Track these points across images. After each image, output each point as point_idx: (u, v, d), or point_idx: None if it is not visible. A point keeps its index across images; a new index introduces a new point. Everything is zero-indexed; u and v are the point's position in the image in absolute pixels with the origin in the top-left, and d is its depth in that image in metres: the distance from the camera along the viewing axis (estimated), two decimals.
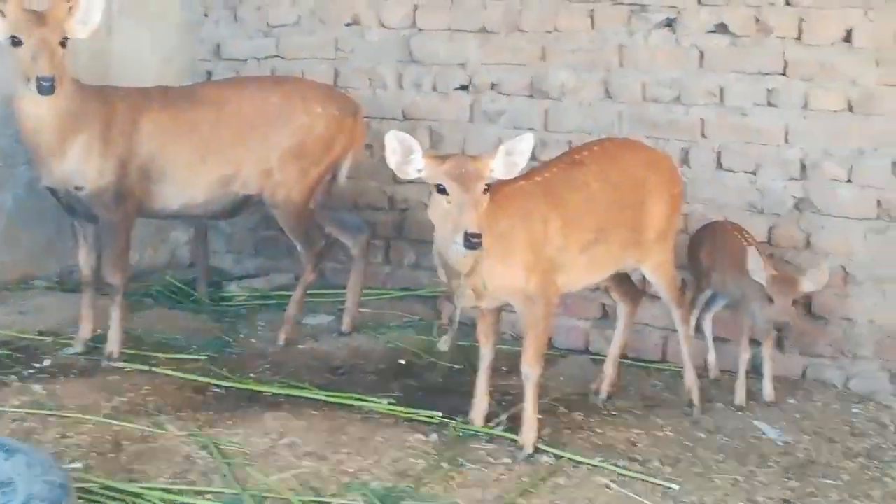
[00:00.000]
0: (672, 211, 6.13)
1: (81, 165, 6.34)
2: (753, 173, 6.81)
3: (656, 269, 6.12)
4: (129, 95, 6.64)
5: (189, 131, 6.66)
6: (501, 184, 5.32)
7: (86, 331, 6.76)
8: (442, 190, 5.11)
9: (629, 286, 6.43)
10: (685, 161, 6.94)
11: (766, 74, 6.72)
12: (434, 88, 7.74)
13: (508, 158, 5.22)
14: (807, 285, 6.13)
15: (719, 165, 6.89)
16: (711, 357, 6.76)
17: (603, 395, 6.35)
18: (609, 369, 6.39)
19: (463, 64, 7.62)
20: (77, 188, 6.38)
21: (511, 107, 7.48)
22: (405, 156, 5.20)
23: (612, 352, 6.42)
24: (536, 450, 5.56)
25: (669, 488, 5.27)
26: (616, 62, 7.14)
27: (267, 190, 6.83)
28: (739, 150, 6.83)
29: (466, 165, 5.14)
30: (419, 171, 5.21)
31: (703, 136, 6.92)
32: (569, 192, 5.67)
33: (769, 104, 6.73)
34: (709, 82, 6.87)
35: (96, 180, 6.37)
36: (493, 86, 7.54)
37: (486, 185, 5.12)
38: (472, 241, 4.98)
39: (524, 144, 5.24)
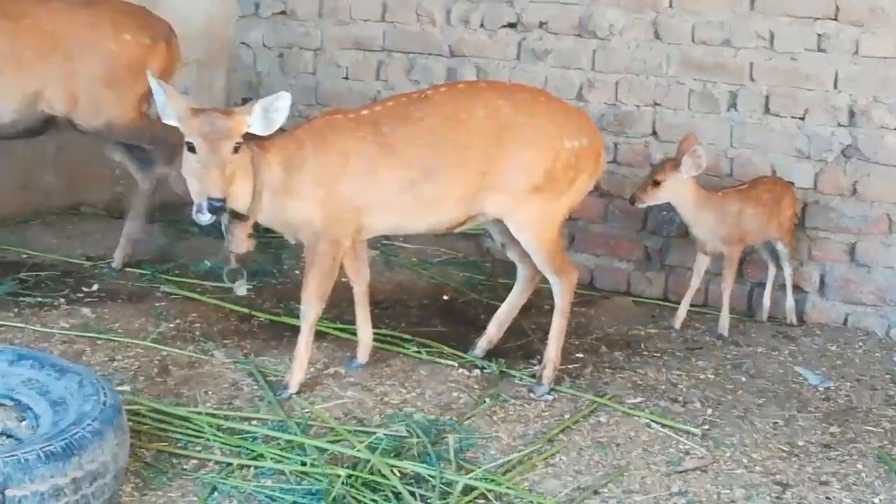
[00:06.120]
0: (555, 164, 5.44)
1: None
2: (801, 119, 6.77)
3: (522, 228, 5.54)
4: None
5: None
6: (327, 114, 5.40)
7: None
8: (191, 148, 4.91)
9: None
10: (732, 105, 6.91)
11: (817, 19, 6.67)
12: (482, 25, 7.69)
13: (266, 115, 5.01)
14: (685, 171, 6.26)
15: (767, 110, 6.86)
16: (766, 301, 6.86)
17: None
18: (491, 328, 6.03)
19: (511, 1, 7.58)
20: None
21: (558, 46, 7.43)
22: (168, 100, 5.00)
23: (502, 311, 6.02)
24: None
25: (710, 429, 5.31)
26: (666, 3, 7.08)
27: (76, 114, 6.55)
28: (788, 95, 6.79)
29: (217, 122, 4.90)
30: (178, 119, 4.98)
31: (752, 79, 6.88)
32: (395, 126, 5.35)
33: (819, 49, 6.69)
34: (759, 26, 6.82)
35: None
36: (541, 24, 7.49)
37: (237, 143, 4.92)
38: (213, 206, 4.85)
39: (280, 102, 5.00)
